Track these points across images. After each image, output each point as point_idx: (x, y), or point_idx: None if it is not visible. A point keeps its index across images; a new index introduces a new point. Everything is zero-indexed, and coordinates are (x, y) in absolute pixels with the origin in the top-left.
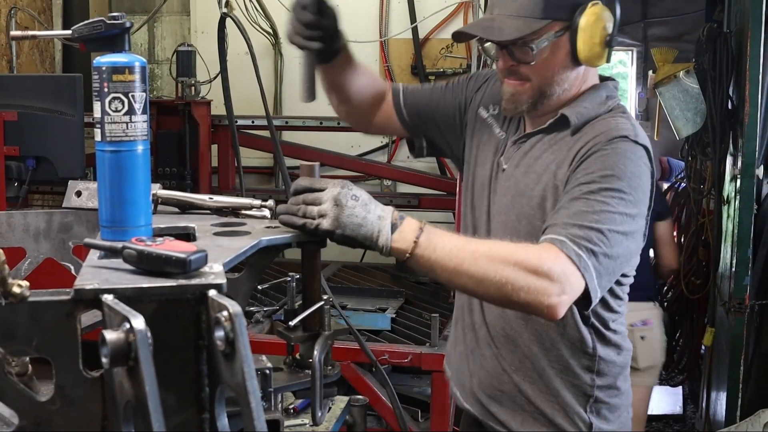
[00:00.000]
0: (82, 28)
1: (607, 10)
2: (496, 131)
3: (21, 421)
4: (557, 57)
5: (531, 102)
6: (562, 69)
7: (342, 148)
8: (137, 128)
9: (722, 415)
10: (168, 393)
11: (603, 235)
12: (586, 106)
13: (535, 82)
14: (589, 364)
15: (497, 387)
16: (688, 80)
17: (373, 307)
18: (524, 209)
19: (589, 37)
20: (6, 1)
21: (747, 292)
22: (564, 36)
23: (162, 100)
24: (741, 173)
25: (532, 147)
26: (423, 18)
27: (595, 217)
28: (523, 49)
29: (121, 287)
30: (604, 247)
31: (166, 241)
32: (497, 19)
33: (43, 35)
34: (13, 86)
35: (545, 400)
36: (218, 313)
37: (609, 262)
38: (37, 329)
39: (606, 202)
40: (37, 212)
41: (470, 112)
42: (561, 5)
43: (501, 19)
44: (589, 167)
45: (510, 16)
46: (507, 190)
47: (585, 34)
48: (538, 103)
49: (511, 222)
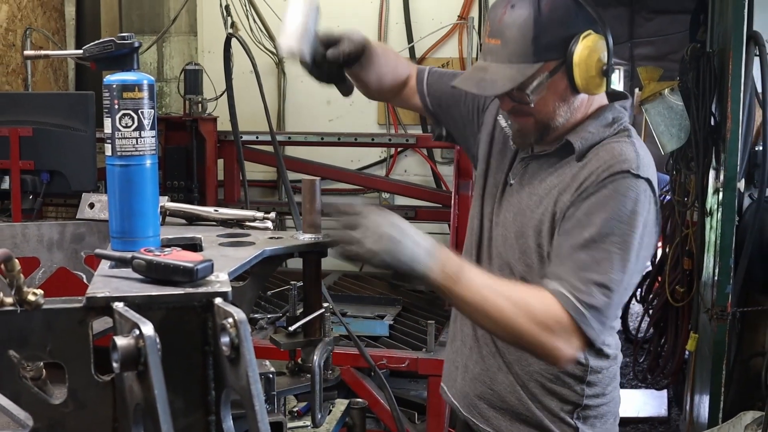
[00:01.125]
0: (93, 48)
1: (601, 39)
2: (510, 143)
3: (35, 424)
4: (556, 92)
5: (537, 135)
6: (563, 102)
7: (342, 162)
8: (146, 143)
9: (705, 418)
10: (176, 396)
11: (606, 289)
12: (590, 131)
13: (537, 118)
14: (581, 375)
15: (489, 385)
16: (672, 98)
17: (371, 315)
18: (523, 228)
19: (585, 71)
20: (21, 21)
21: (729, 300)
22: (560, 72)
23: (170, 117)
24: (723, 186)
25: (538, 168)
26: (420, 38)
27: (597, 269)
28: (519, 93)
29: (131, 295)
30: (607, 299)
31: (173, 252)
32: (489, 69)
33: (56, 54)
34: (29, 103)
35: (534, 404)
36: (224, 320)
37: (611, 309)
38: (51, 335)
39: (608, 250)
40: (50, 223)
41: (488, 115)
42: (552, 45)
43: (493, 69)
44: (591, 211)
45: (502, 65)
46: (511, 206)
47: (580, 68)
48: (544, 134)
49: (510, 238)
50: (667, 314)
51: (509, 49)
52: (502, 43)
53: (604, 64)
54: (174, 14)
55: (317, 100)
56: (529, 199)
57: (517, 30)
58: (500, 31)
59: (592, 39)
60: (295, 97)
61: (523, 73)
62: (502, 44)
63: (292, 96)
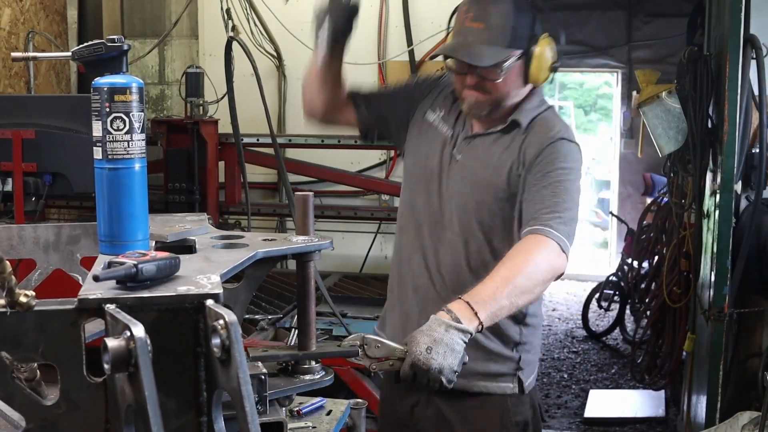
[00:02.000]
0: (83, 50)
1: (553, 42)
2: (443, 130)
3: (28, 425)
4: (514, 77)
5: (489, 110)
6: (515, 87)
7: (342, 164)
8: (136, 146)
9: (702, 418)
10: (168, 397)
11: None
12: (529, 109)
13: (494, 96)
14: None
15: None
16: (670, 100)
17: (371, 316)
18: (484, 197)
19: (541, 63)
20: (24, 25)
21: (726, 301)
22: (520, 61)
23: (172, 120)
24: (720, 188)
25: (489, 144)
26: (419, 42)
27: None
28: (492, 70)
29: (123, 297)
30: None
31: (149, 254)
32: (474, 46)
33: (43, 57)
34: (31, 106)
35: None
36: (215, 322)
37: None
38: (43, 337)
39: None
40: (46, 225)
41: (418, 113)
42: (522, 37)
43: (478, 47)
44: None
45: (485, 45)
46: (464, 179)
47: (538, 61)
48: (493, 111)
49: (470, 206)
50: (664, 315)
51: (492, 33)
52: (486, 27)
53: (554, 62)
54: (175, 17)
55: None
56: (485, 171)
57: (500, 18)
58: (485, 16)
59: (548, 41)
60: (296, 100)
61: (502, 54)
62: (485, 28)
63: (292, 98)
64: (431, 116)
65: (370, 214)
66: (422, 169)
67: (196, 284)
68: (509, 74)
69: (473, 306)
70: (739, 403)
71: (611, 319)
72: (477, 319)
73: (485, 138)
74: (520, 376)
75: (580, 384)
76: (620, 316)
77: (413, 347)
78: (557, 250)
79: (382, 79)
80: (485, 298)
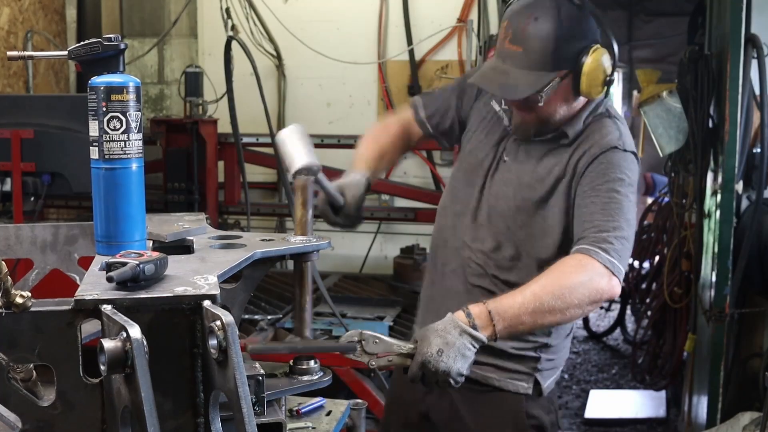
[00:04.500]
0: (79, 49)
1: (606, 53)
2: (505, 122)
3: (24, 425)
4: (561, 95)
5: (537, 129)
6: (564, 103)
7: (342, 164)
8: (133, 146)
9: (703, 418)
10: (165, 398)
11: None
12: (581, 117)
13: (540, 115)
14: None
15: None
16: (671, 100)
17: (371, 316)
18: (525, 204)
19: (592, 80)
20: (23, 24)
21: (727, 301)
22: (568, 79)
23: (171, 119)
24: (721, 188)
25: (533, 149)
26: (419, 41)
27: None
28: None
29: (120, 297)
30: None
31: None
32: (511, 73)
33: (40, 56)
34: (30, 106)
35: None
36: (212, 323)
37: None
38: (40, 337)
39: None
40: (44, 225)
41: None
42: (567, 57)
43: (514, 74)
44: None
45: (523, 71)
46: (509, 182)
47: (588, 77)
48: (542, 129)
49: (510, 210)
50: (665, 315)
51: (530, 57)
52: (524, 51)
53: (608, 76)
54: (174, 17)
55: (317, 102)
56: (531, 177)
57: (539, 42)
58: (523, 40)
59: (599, 52)
60: (295, 99)
61: (542, 81)
62: (523, 52)
63: (292, 98)
64: (497, 106)
65: (370, 214)
66: (474, 159)
67: (193, 285)
68: (554, 95)
69: (493, 316)
70: (740, 403)
71: (612, 319)
72: (493, 329)
73: (534, 144)
74: (537, 378)
75: (580, 384)
76: (621, 316)
77: (424, 347)
78: (603, 273)
79: (382, 79)
80: (508, 310)
